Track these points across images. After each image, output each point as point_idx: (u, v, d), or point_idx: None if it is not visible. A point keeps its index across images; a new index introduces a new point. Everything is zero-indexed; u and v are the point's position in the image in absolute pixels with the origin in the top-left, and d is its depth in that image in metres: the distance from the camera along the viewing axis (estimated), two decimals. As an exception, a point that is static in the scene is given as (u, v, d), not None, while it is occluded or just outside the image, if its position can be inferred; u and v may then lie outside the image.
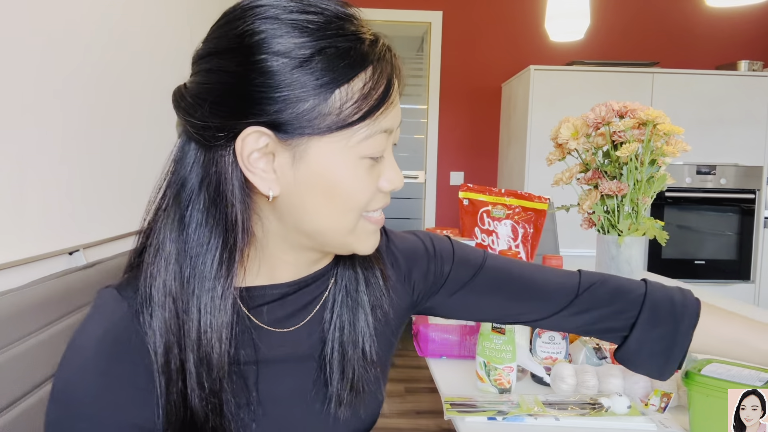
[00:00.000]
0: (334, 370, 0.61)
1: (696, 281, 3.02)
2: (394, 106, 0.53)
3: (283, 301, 0.60)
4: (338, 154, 0.50)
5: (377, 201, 0.55)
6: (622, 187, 1.08)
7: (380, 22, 3.59)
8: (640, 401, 0.85)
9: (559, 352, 0.95)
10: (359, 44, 0.50)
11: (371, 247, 0.58)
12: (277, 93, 0.48)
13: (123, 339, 0.52)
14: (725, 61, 3.41)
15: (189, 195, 0.52)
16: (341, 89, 0.49)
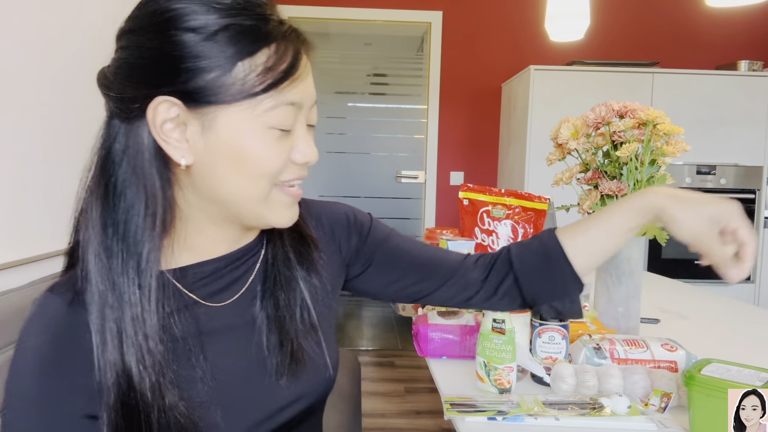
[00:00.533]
0: (271, 341, 0.64)
1: (696, 281, 3.02)
2: (301, 81, 0.56)
3: (217, 275, 0.63)
4: (245, 122, 0.54)
5: (290, 172, 0.59)
6: (622, 187, 1.08)
7: (380, 22, 3.59)
8: (640, 401, 0.85)
9: (559, 352, 0.95)
10: (263, 23, 0.54)
11: (287, 220, 0.61)
12: (183, 64, 0.52)
13: (61, 334, 0.54)
14: (725, 61, 3.41)
15: (112, 165, 0.55)
16: (244, 62, 0.52)
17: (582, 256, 0.74)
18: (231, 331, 0.63)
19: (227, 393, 0.61)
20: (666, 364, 0.93)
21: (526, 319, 0.98)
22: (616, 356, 0.94)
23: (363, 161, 3.76)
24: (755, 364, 0.76)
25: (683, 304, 1.51)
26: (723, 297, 1.64)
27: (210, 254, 0.63)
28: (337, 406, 1.42)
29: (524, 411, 0.82)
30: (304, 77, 0.57)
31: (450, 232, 1.53)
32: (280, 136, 0.56)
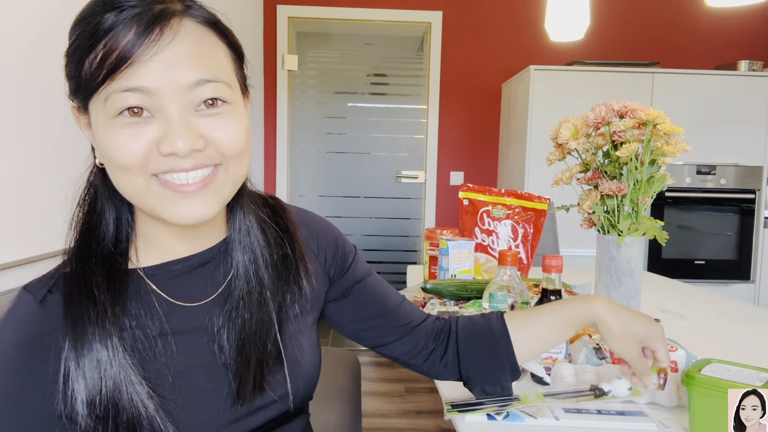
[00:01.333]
0: (232, 365, 0.62)
1: (696, 281, 3.02)
2: (138, 65, 0.52)
3: (187, 275, 0.64)
4: (98, 117, 0.55)
5: (158, 163, 0.55)
6: (622, 187, 1.08)
7: (380, 22, 3.59)
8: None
9: (559, 352, 0.95)
10: (107, 14, 0.53)
11: (180, 215, 0.56)
12: (66, 71, 0.56)
13: (32, 331, 0.56)
14: (725, 61, 3.41)
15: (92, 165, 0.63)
16: (90, 56, 0.53)
17: (525, 347, 0.78)
18: (196, 333, 0.62)
19: (186, 396, 0.60)
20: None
21: (526, 319, 0.98)
22: (616, 356, 0.94)
23: (363, 161, 3.76)
24: (755, 364, 0.76)
25: (683, 304, 1.51)
26: (723, 297, 1.64)
27: (175, 254, 0.64)
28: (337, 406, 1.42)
29: (525, 403, 0.82)
30: (146, 59, 0.52)
31: (450, 232, 1.53)
32: (128, 123, 0.53)
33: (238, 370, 0.62)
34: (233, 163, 0.59)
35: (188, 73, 0.54)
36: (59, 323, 0.56)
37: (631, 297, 1.14)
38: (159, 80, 0.53)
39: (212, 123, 0.56)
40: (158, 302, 0.61)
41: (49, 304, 0.57)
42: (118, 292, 0.58)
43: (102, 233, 0.61)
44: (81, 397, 0.54)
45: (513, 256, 0.97)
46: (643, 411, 0.83)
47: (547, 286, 0.97)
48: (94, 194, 0.62)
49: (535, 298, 1.00)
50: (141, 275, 0.62)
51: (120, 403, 0.54)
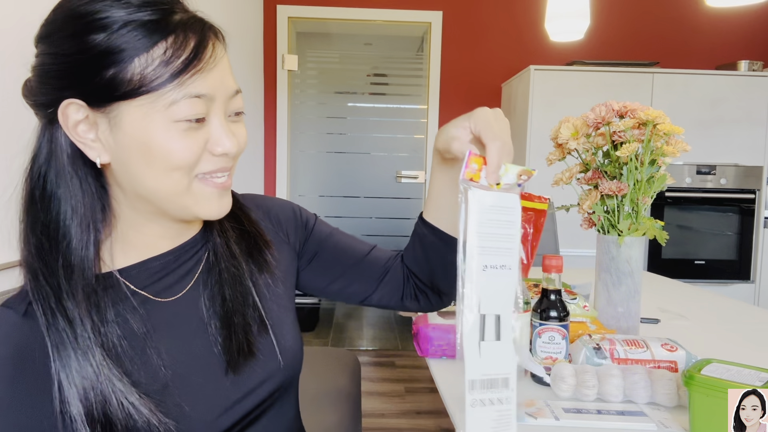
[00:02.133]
0: (219, 337, 0.64)
1: (696, 281, 3.02)
2: (207, 72, 0.56)
3: (165, 270, 0.65)
4: (148, 117, 0.54)
5: (208, 163, 0.59)
6: (622, 187, 1.08)
7: (380, 22, 3.59)
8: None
9: (559, 352, 0.95)
10: (161, 17, 0.54)
11: (214, 212, 0.61)
12: (83, 66, 0.53)
13: (19, 344, 0.55)
14: (725, 61, 3.41)
15: (38, 169, 0.58)
16: (141, 57, 0.53)
17: (442, 218, 0.75)
18: (181, 325, 0.64)
19: (181, 389, 0.61)
20: (666, 364, 0.93)
21: (526, 319, 0.98)
22: (616, 356, 0.94)
23: (363, 161, 3.76)
24: (755, 364, 0.76)
25: (683, 304, 1.51)
26: (723, 297, 1.64)
27: (155, 251, 0.65)
28: (337, 406, 1.42)
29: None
30: (210, 68, 0.56)
31: (450, 232, 1.53)
32: (188, 128, 0.56)
33: (225, 343, 0.64)
34: (234, 166, 0.64)
35: (232, 83, 0.60)
36: (42, 332, 0.55)
37: (631, 297, 1.14)
38: (216, 88, 0.57)
39: (238, 129, 0.62)
40: (138, 302, 0.61)
41: (32, 315, 0.56)
42: (93, 302, 0.57)
43: (70, 242, 0.57)
44: (75, 408, 0.54)
45: (513, 256, 0.97)
46: (643, 411, 0.83)
47: (547, 286, 0.97)
48: (53, 200, 0.58)
49: (535, 298, 1.00)
50: (117, 277, 0.61)
51: (113, 413, 0.55)
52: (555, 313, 0.96)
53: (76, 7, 0.54)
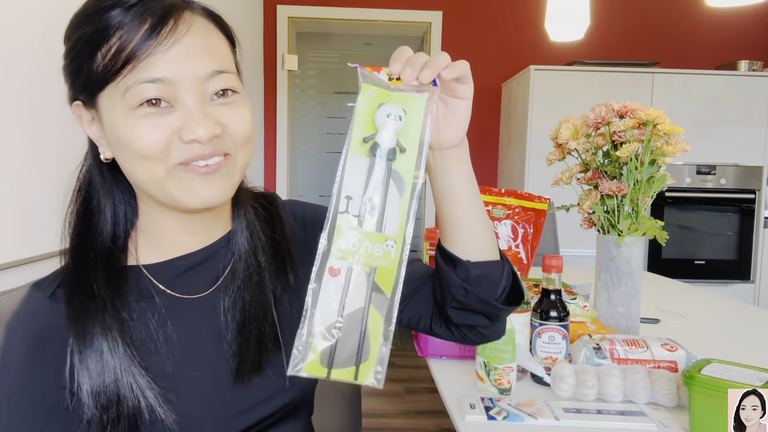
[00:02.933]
0: (233, 345, 0.64)
1: (696, 281, 3.02)
2: (161, 55, 0.54)
3: (191, 270, 0.65)
4: (113, 108, 0.55)
5: (180, 152, 0.56)
6: (622, 187, 1.08)
7: (380, 22, 3.59)
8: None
9: (559, 352, 0.95)
10: (119, 7, 0.54)
11: (198, 200, 0.58)
12: (71, 66, 0.57)
13: (41, 326, 0.57)
14: (725, 61, 3.41)
15: (83, 164, 0.64)
16: (102, 49, 0.54)
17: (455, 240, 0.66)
18: (198, 326, 0.64)
19: (187, 387, 0.61)
20: (666, 364, 0.93)
21: (526, 320, 0.98)
22: (616, 356, 0.94)
23: (363, 161, 3.76)
24: (755, 364, 0.76)
25: (683, 304, 1.51)
26: (723, 297, 1.64)
27: (181, 250, 0.65)
28: (337, 406, 1.42)
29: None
30: (165, 50, 0.54)
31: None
32: (147, 114, 0.54)
33: (239, 350, 0.63)
34: (242, 151, 0.61)
35: (204, 65, 0.56)
36: (65, 315, 0.57)
37: (631, 297, 1.14)
38: (177, 71, 0.54)
39: (225, 111, 0.58)
40: (159, 296, 0.62)
41: (58, 298, 0.58)
42: (117, 286, 0.59)
43: (99, 230, 0.62)
44: (86, 388, 0.55)
45: (513, 256, 0.97)
46: (643, 411, 0.83)
47: (547, 286, 0.97)
48: (89, 191, 0.63)
49: (535, 298, 1.00)
50: (142, 271, 0.63)
51: (121, 393, 0.56)
52: (555, 313, 0.96)
53: (80, 8, 0.56)
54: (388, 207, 0.49)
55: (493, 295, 0.65)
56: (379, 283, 0.48)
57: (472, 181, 0.65)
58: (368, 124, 0.50)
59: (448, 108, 0.59)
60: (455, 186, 0.64)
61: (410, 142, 0.50)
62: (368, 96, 0.51)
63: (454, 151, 0.62)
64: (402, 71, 0.53)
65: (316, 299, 0.47)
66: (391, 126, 0.49)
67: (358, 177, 0.49)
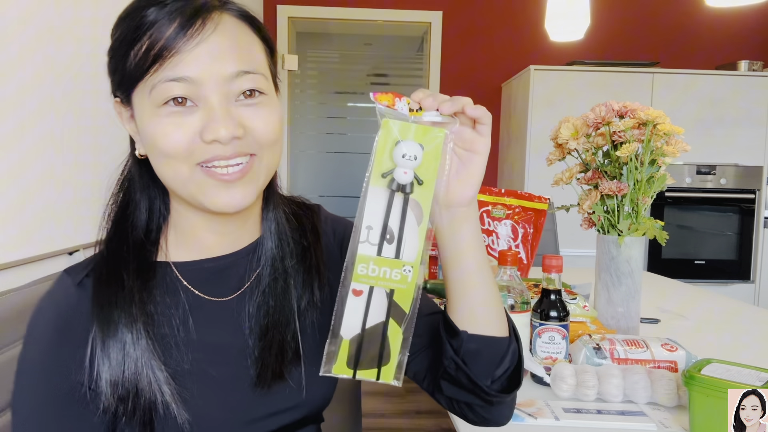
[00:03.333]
0: (256, 350, 0.63)
1: (696, 281, 3.02)
2: (186, 54, 0.54)
3: (219, 272, 0.65)
4: (142, 106, 0.57)
5: (201, 152, 0.56)
6: (622, 187, 1.08)
7: (380, 22, 3.59)
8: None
9: (559, 352, 0.95)
10: (150, 8, 0.55)
11: (220, 203, 0.58)
12: (109, 66, 0.59)
13: (66, 312, 0.58)
14: (725, 61, 3.41)
15: (128, 159, 0.66)
16: (134, 49, 0.55)
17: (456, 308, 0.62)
18: (222, 328, 0.64)
19: (205, 387, 0.61)
20: (666, 364, 0.93)
21: (526, 320, 0.98)
22: (616, 356, 0.94)
23: (363, 161, 3.75)
24: (755, 364, 0.76)
25: (683, 304, 1.51)
26: (723, 297, 1.64)
27: (210, 252, 0.65)
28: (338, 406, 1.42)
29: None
30: (189, 49, 0.54)
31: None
32: (172, 113, 0.55)
33: (260, 355, 0.63)
34: (267, 153, 0.60)
35: (230, 65, 0.56)
36: (91, 305, 0.58)
37: (631, 297, 1.14)
38: (202, 70, 0.55)
39: (250, 113, 0.58)
40: (185, 294, 0.63)
41: (85, 287, 0.59)
42: (146, 279, 0.60)
43: (134, 222, 0.63)
44: (105, 377, 0.56)
45: (513, 256, 0.97)
46: (643, 411, 0.83)
47: (547, 286, 0.97)
48: (129, 185, 0.64)
49: (535, 298, 1.00)
50: (171, 267, 0.64)
51: (139, 386, 0.57)
52: (555, 313, 0.96)
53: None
54: (406, 235, 0.52)
55: (488, 375, 0.61)
56: (397, 301, 0.53)
57: (480, 245, 0.61)
58: (387, 160, 0.52)
59: (461, 163, 0.58)
60: (463, 249, 0.60)
61: (428, 174, 0.53)
62: (387, 132, 0.53)
63: (464, 210, 0.59)
64: (423, 99, 0.54)
65: (341, 312, 0.52)
66: (408, 164, 0.52)
67: (378, 208, 0.52)
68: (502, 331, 0.63)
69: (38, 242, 1.03)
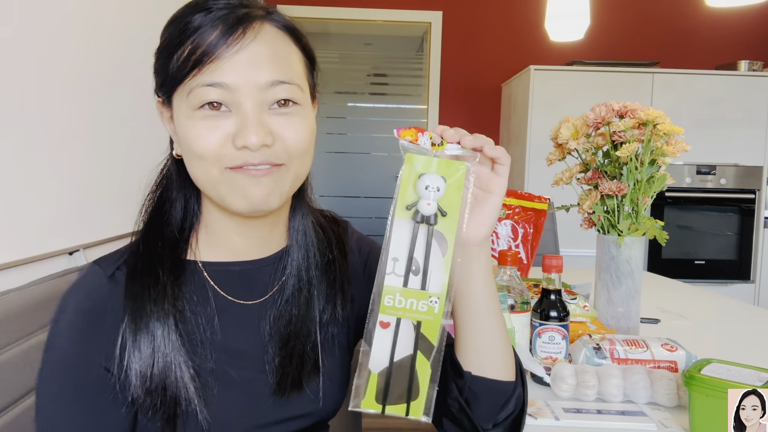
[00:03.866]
0: (277, 356, 0.65)
1: (696, 281, 3.02)
2: (225, 61, 0.56)
3: (247, 277, 0.67)
4: (181, 108, 0.59)
5: (232, 157, 0.58)
6: (622, 187, 1.08)
7: (380, 22, 3.59)
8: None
9: (559, 352, 0.95)
10: (197, 14, 0.58)
11: (244, 205, 0.59)
12: (155, 67, 0.61)
13: (98, 301, 0.59)
14: (725, 61, 3.41)
15: (167, 158, 0.68)
16: (176, 55, 0.57)
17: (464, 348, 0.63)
18: (245, 331, 0.65)
19: (225, 388, 0.62)
20: (666, 364, 0.93)
21: (526, 320, 0.98)
22: (616, 356, 0.94)
23: (363, 161, 3.76)
24: (755, 364, 0.76)
25: (683, 304, 1.51)
26: (723, 297, 1.64)
27: (237, 256, 0.67)
28: (337, 406, 1.42)
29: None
30: (229, 56, 0.56)
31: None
32: (206, 116, 0.57)
33: (281, 363, 0.64)
34: (296, 162, 0.61)
35: (266, 73, 0.57)
36: (122, 297, 0.59)
37: (631, 297, 1.14)
38: (238, 77, 0.56)
39: (282, 122, 0.59)
40: (213, 294, 0.64)
41: (117, 280, 0.61)
42: (177, 276, 0.62)
43: (169, 220, 0.65)
44: (135, 368, 0.57)
45: (513, 256, 0.97)
46: (643, 411, 0.83)
47: (547, 286, 0.97)
48: (167, 183, 0.67)
49: (535, 298, 1.00)
50: (200, 267, 0.65)
51: (167, 380, 0.58)
52: (555, 313, 0.96)
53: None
54: (431, 266, 0.53)
55: (489, 418, 0.62)
56: (425, 334, 0.52)
57: (490, 285, 0.61)
58: (411, 192, 0.54)
59: (476, 202, 0.59)
60: (472, 288, 0.60)
61: (451, 205, 0.54)
62: (410, 165, 0.54)
63: (476, 249, 0.59)
64: (445, 131, 0.56)
65: (370, 344, 0.53)
66: (432, 196, 0.53)
67: (403, 239, 0.53)
68: (508, 375, 0.63)
69: (38, 242, 1.03)
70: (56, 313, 0.60)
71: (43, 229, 1.05)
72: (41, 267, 1.03)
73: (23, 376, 0.78)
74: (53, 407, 0.58)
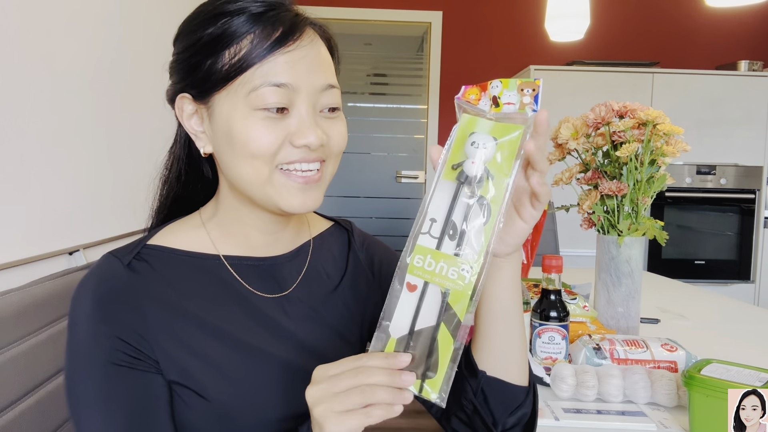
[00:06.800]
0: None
1: (696, 281, 3.02)
2: (285, 62, 0.57)
3: (266, 270, 0.68)
4: (232, 106, 0.58)
5: (289, 154, 0.59)
6: (622, 187, 1.08)
7: (380, 22, 3.59)
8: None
9: (559, 352, 0.95)
10: (252, 11, 0.58)
11: (295, 205, 0.61)
12: (188, 61, 0.60)
13: (118, 286, 0.60)
14: (725, 61, 3.41)
15: (171, 154, 0.69)
16: (230, 49, 0.57)
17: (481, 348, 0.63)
18: (265, 322, 0.66)
19: (245, 382, 0.62)
20: (666, 364, 0.93)
21: (526, 320, 0.98)
22: (616, 356, 0.94)
23: (363, 161, 3.76)
24: (755, 364, 0.76)
25: (683, 304, 1.51)
26: (723, 297, 1.64)
27: (255, 247, 0.68)
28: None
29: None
30: (294, 59, 0.58)
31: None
32: (268, 116, 0.57)
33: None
34: (333, 161, 0.65)
35: (321, 77, 0.60)
36: (144, 288, 0.60)
37: (631, 297, 1.14)
38: (299, 79, 0.58)
39: (330, 124, 0.62)
40: (235, 286, 0.65)
41: (135, 269, 0.61)
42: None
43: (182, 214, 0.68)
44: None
45: (513, 256, 0.97)
46: (643, 411, 0.83)
47: (547, 286, 0.97)
48: (171, 181, 0.69)
49: (535, 298, 1.00)
50: (221, 260, 0.66)
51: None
52: (555, 313, 0.96)
53: (201, 7, 0.60)
54: (469, 232, 0.49)
55: (498, 421, 0.62)
56: (452, 304, 0.48)
57: (516, 290, 0.61)
58: (460, 152, 0.51)
59: (506, 223, 0.57)
60: (495, 290, 0.60)
61: (500, 170, 0.49)
62: (463, 124, 0.52)
63: (500, 260, 0.59)
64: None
65: (392, 310, 0.49)
66: (478, 154, 0.49)
67: (444, 201, 0.50)
68: (521, 380, 0.63)
69: (38, 242, 1.03)
70: (73, 304, 0.60)
71: (43, 229, 1.05)
72: (41, 267, 1.03)
73: (24, 376, 0.78)
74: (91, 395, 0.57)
